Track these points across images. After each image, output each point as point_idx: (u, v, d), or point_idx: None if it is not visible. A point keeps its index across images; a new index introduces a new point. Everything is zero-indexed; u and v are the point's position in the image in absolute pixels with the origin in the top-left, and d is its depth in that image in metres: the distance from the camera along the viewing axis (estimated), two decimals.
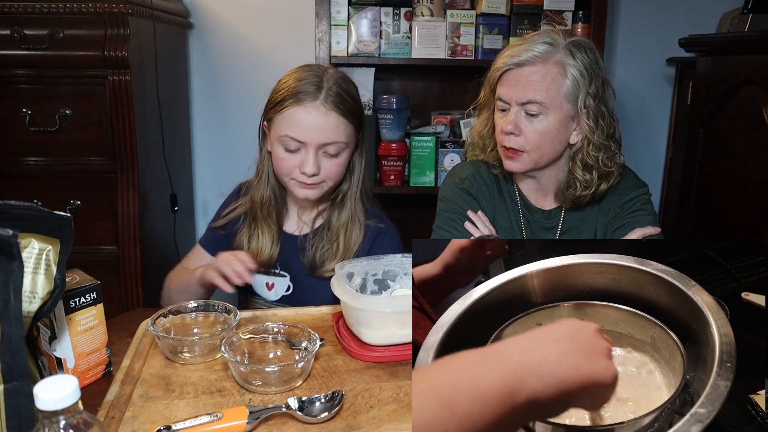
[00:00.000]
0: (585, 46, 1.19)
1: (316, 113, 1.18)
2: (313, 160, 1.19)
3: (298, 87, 1.19)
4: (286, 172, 1.23)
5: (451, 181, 1.33)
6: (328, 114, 1.18)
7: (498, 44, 2.04)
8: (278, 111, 1.21)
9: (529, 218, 1.30)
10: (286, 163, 1.22)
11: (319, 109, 1.18)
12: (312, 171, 1.19)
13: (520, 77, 1.17)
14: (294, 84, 1.20)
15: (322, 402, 0.81)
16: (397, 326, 0.95)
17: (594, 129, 1.18)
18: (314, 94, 1.18)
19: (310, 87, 1.19)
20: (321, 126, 1.19)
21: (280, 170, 1.24)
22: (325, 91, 1.19)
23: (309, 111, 1.18)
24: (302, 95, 1.18)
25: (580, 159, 1.21)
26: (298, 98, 1.18)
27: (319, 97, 1.18)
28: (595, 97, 1.18)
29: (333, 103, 1.19)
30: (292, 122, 1.19)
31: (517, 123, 1.18)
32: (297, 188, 1.24)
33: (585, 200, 1.25)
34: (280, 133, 1.21)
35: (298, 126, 1.18)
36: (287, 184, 1.25)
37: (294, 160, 1.21)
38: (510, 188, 1.32)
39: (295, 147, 1.20)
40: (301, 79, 1.20)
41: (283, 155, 1.22)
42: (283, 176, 1.25)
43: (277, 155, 1.23)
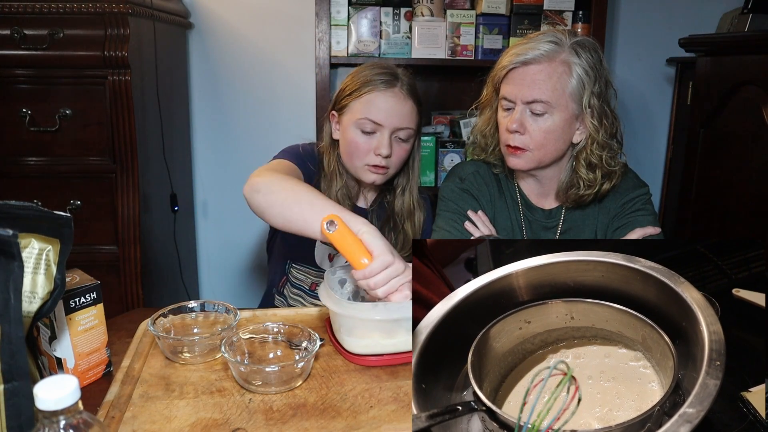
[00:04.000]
0: (589, 46, 1.19)
1: (395, 99, 1.28)
2: (388, 143, 1.28)
3: (376, 76, 1.29)
4: (361, 155, 1.30)
5: (451, 180, 1.33)
6: (405, 100, 1.29)
7: (498, 44, 2.04)
8: (356, 97, 1.30)
9: (530, 218, 1.30)
10: (362, 146, 1.29)
11: (397, 96, 1.29)
12: (387, 152, 1.28)
13: (525, 76, 1.17)
14: (370, 74, 1.30)
15: None
16: (380, 335, 0.93)
17: (598, 128, 1.19)
18: (392, 81, 1.29)
19: (388, 76, 1.30)
20: (398, 111, 1.29)
21: (355, 153, 1.31)
22: (401, 80, 1.30)
23: (387, 97, 1.28)
24: (380, 83, 1.29)
25: (584, 158, 1.21)
26: (376, 85, 1.28)
27: (397, 85, 1.29)
28: (599, 97, 1.18)
29: (408, 91, 1.30)
30: (371, 106, 1.28)
31: (522, 122, 1.18)
32: (366, 173, 1.31)
33: (588, 199, 1.25)
34: (357, 116, 1.29)
35: (377, 109, 1.27)
36: (358, 169, 1.32)
37: (369, 143, 1.29)
38: (511, 187, 1.32)
39: (371, 129, 1.28)
40: (376, 70, 1.31)
41: (358, 137, 1.29)
42: (356, 160, 1.31)
43: (352, 138, 1.30)
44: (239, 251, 2.45)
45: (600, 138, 1.19)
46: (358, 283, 0.97)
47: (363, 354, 0.94)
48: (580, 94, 1.17)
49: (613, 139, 1.22)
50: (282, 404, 0.84)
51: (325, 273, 1.04)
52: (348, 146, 1.31)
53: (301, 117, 2.31)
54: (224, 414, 0.81)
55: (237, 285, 2.49)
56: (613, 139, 1.22)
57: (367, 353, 0.94)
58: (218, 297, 2.42)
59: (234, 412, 0.82)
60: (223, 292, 2.48)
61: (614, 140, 1.23)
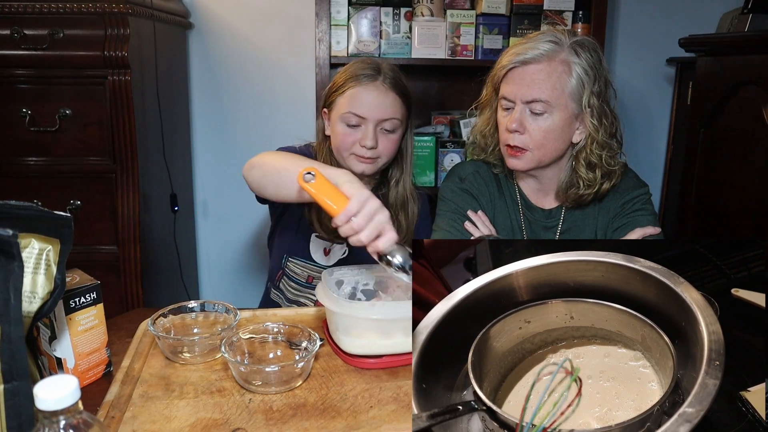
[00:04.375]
0: (589, 46, 1.19)
1: (376, 92, 1.31)
2: (372, 135, 1.31)
3: (358, 71, 1.33)
4: (347, 147, 1.33)
5: (451, 180, 1.33)
6: (386, 93, 1.32)
7: (498, 44, 2.04)
8: (340, 93, 1.34)
9: (530, 217, 1.30)
10: (348, 138, 1.33)
11: (379, 89, 1.32)
12: (371, 144, 1.31)
13: (525, 75, 1.17)
14: (354, 69, 1.34)
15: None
16: (377, 335, 0.92)
17: (598, 128, 1.19)
18: (374, 75, 1.32)
19: (369, 71, 1.33)
20: (380, 103, 1.32)
21: (341, 145, 1.34)
22: (383, 74, 1.33)
23: (369, 90, 1.31)
24: (362, 77, 1.32)
25: (584, 158, 1.21)
26: (358, 80, 1.32)
27: (378, 78, 1.32)
28: (599, 96, 1.18)
29: (390, 84, 1.33)
30: (354, 100, 1.32)
31: (522, 121, 1.18)
32: (355, 162, 1.34)
33: (588, 199, 1.25)
34: (342, 111, 1.32)
35: (359, 103, 1.31)
36: (346, 159, 1.35)
37: (354, 136, 1.32)
38: (510, 187, 1.32)
39: (356, 122, 1.32)
40: (360, 66, 1.35)
41: (344, 131, 1.33)
42: (343, 151, 1.34)
43: (339, 131, 1.34)
44: (239, 251, 2.45)
45: (600, 137, 1.19)
46: (340, 231, 0.92)
47: (359, 354, 0.94)
48: (580, 94, 1.17)
49: (612, 138, 1.22)
50: (282, 404, 0.84)
51: (322, 274, 1.04)
52: (336, 140, 1.35)
53: (301, 117, 2.31)
54: (224, 414, 0.81)
55: (237, 285, 2.49)
56: (613, 139, 1.22)
57: (364, 354, 0.94)
58: (218, 297, 2.42)
59: (234, 412, 0.82)
60: (223, 292, 2.48)
61: (614, 140, 1.23)
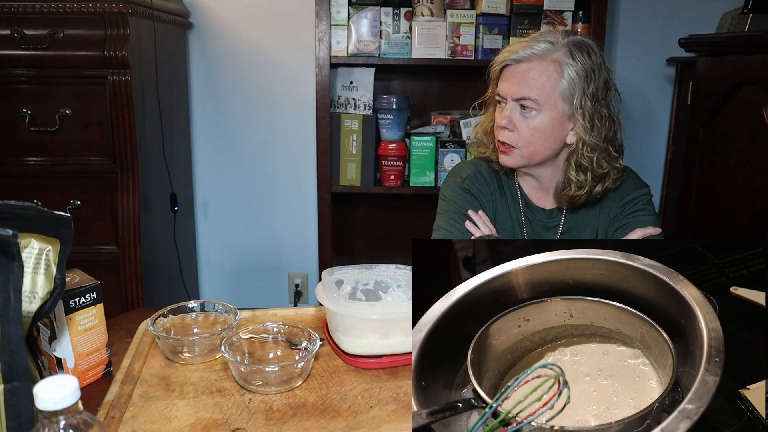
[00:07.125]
0: (588, 47, 1.18)
1: None
2: None
3: None
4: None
5: (452, 180, 1.33)
6: None
7: (498, 44, 2.04)
8: None
9: (531, 217, 1.30)
10: None
11: None
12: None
13: (516, 73, 1.18)
14: None
15: None
16: (377, 335, 0.92)
17: (589, 130, 1.18)
18: None
19: None
20: None
21: None
22: None
23: None
24: None
25: (575, 160, 1.21)
26: None
27: None
28: (593, 98, 1.17)
29: None
30: None
31: (511, 118, 1.19)
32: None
33: (580, 201, 1.24)
34: None
35: None
36: None
37: None
38: (512, 186, 1.32)
39: None
40: None
41: None
42: None
43: None
44: (239, 251, 2.45)
45: (590, 140, 1.18)
46: None
47: (359, 354, 0.94)
48: (571, 94, 1.17)
49: (608, 142, 1.20)
50: (282, 404, 0.84)
51: (322, 273, 1.04)
52: None
53: (301, 117, 2.31)
54: (224, 414, 0.81)
55: (237, 285, 2.49)
56: (608, 143, 1.21)
57: (364, 354, 0.94)
58: (218, 297, 2.42)
59: (234, 412, 0.82)
60: (223, 292, 2.48)
61: (609, 144, 1.21)
